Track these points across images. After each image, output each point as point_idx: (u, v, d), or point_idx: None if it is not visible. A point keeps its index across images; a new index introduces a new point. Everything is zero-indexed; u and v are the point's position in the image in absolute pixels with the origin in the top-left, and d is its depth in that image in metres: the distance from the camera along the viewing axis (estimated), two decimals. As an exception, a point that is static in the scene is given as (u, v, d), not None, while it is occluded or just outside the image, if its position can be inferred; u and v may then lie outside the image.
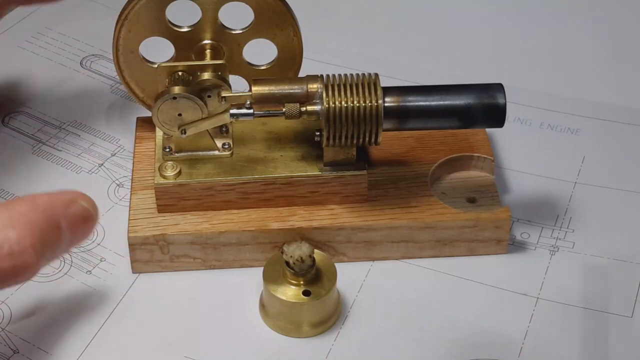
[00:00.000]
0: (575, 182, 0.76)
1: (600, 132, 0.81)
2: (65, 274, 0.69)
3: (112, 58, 0.73)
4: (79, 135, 0.80)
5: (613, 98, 0.84)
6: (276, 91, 0.67)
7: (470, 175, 0.74)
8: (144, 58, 0.73)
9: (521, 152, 0.78)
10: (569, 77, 0.87)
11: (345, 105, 0.65)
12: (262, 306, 0.67)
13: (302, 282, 0.65)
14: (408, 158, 0.73)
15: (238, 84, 0.74)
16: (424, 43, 0.90)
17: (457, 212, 0.69)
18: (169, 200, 0.69)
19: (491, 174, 0.73)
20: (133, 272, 0.70)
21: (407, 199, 0.70)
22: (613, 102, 0.84)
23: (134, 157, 0.74)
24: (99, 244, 0.71)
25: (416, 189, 0.71)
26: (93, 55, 0.88)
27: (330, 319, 0.66)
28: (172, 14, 0.72)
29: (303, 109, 0.66)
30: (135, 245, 0.68)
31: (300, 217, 0.69)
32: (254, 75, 0.73)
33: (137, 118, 0.77)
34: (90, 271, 0.70)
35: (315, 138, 0.68)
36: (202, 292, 0.68)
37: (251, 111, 0.66)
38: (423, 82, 0.72)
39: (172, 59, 0.73)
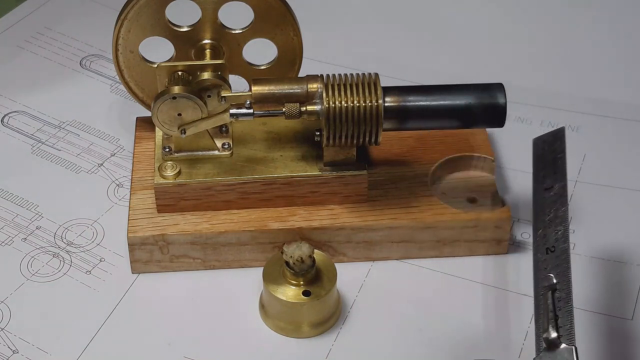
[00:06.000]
0: (577, 181, 0.76)
1: (600, 129, 0.81)
2: (65, 274, 0.69)
3: (111, 58, 0.72)
4: (79, 135, 0.80)
5: (613, 94, 0.84)
6: (276, 91, 0.67)
7: (471, 175, 0.74)
8: (143, 58, 0.73)
9: (521, 152, 0.78)
10: (569, 74, 0.87)
11: (345, 105, 0.65)
12: (262, 306, 0.67)
13: (302, 282, 0.65)
14: (408, 158, 0.73)
15: (238, 84, 0.74)
16: (424, 43, 0.90)
17: (457, 212, 0.69)
18: (169, 200, 0.69)
19: (491, 174, 0.73)
20: (133, 273, 0.69)
21: (407, 199, 0.70)
22: (613, 99, 0.84)
23: (133, 157, 0.73)
24: (98, 244, 0.71)
25: (416, 189, 0.71)
26: (93, 55, 0.88)
27: (330, 319, 0.66)
28: (172, 13, 0.72)
29: (303, 108, 0.66)
30: (134, 246, 0.68)
31: (300, 217, 0.69)
32: (254, 75, 0.73)
33: (137, 118, 0.77)
34: (89, 271, 0.70)
35: (315, 138, 0.68)
36: (201, 292, 0.68)
37: (251, 111, 0.66)
38: (423, 82, 0.72)
39: (172, 59, 0.73)
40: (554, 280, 0.58)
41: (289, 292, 0.64)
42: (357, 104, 0.65)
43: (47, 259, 0.70)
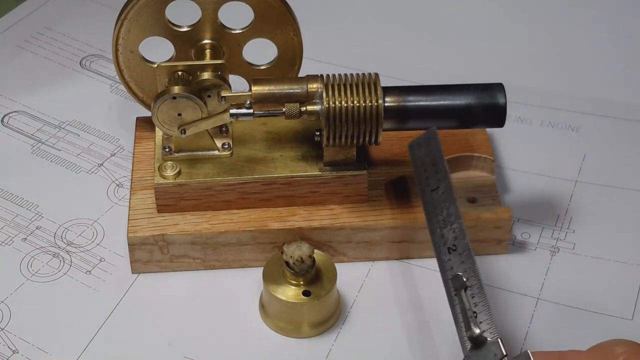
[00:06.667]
0: (576, 181, 0.76)
1: (601, 128, 0.81)
2: (65, 274, 0.69)
3: (111, 58, 0.72)
4: (79, 135, 0.80)
5: (613, 94, 0.84)
6: (276, 91, 0.67)
7: (471, 175, 0.74)
8: (143, 58, 0.73)
9: (521, 152, 0.78)
10: (569, 74, 0.87)
11: (346, 105, 0.65)
12: (262, 306, 0.67)
13: (302, 282, 0.65)
14: (408, 158, 0.73)
15: (238, 84, 0.74)
16: (424, 43, 0.90)
17: (457, 212, 0.69)
18: (169, 200, 0.69)
19: (491, 174, 0.73)
20: (133, 273, 0.69)
21: (407, 199, 0.70)
22: (613, 99, 0.84)
23: (133, 157, 0.73)
24: (98, 244, 0.71)
25: (416, 189, 0.71)
26: (93, 55, 0.88)
27: (330, 319, 0.66)
28: (172, 13, 0.72)
29: (303, 108, 0.66)
30: (134, 246, 0.68)
31: (300, 217, 0.69)
32: (254, 75, 0.73)
33: (137, 118, 0.77)
34: (89, 271, 0.70)
35: (315, 138, 0.68)
36: (201, 292, 0.68)
37: (251, 111, 0.66)
38: (423, 82, 0.72)
39: (172, 59, 0.73)
40: (464, 279, 0.59)
41: (289, 292, 0.64)
42: (357, 104, 0.65)
43: (47, 259, 0.70)
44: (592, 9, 0.93)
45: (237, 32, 0.72)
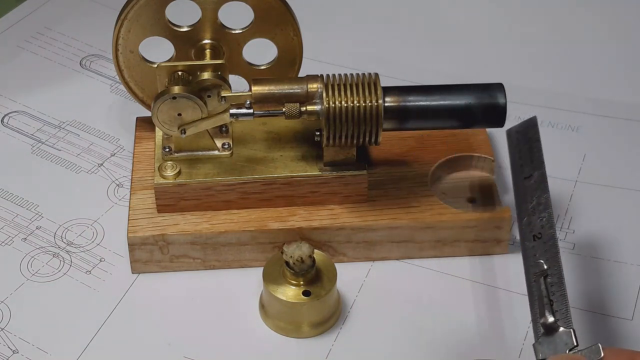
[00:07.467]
0: (576, 181, 0.76)
1: (601, 128, 0.81)
2: (65, 274, 0.69)
3: (111, 58, 0.72)
4: (79, 135, 0.80)
5: (613, 94, 0.84)
6: (276, 91, 0.67)
7: (470, 175, 0.74)
8: (143, 58, 0.73)
9: (521, 152, 0.78)
10: (569, 74, 0.87)
11: (346, 105, 0.65)
12: (262, 306, 0.67)
13: (302, 282, 0.65)
14: (408, 158, 0.73)
15: (238, 84, 0.74)
16: (424, 43, 0.90)
17: (457, 212, 0.69)
18: (169, 200, 0.69)
19: (491, 174, 0.73)
20: (133, 273, 0.69)
21: (408, 199, 0.70)
22: (613, 99, 0.84)
23: (133, 157, 0.73)
24: (98, 244, 0.71)
25: (416, 189, 0.71)
26: (93, 55, 0.88)
27: (330, 319, 0.66)
28: (172, 13, 0.72)
29: (303, 108, 0.66)
30: (134, 246, 0.68)
31: (300, 217, 0.69)
32: (254, 75, 0.73)
33: (137, 118, 0.77)
34: (89, 271, 0.70)
35: (315, 138, 0.68)
36: (201, 292, 0.68)
37: (251, 111, 0.66)
38: (423, 82, 0.72)
39: (172, 59, 0.73)
40: (545, 266, 0.59)
41: (289, 292, 0.64)
42: (357, 104, 0.65)
43: (47, 259, 0.70)
44: (592, 9, 0.93)
45: (237, 32, 0.72)
